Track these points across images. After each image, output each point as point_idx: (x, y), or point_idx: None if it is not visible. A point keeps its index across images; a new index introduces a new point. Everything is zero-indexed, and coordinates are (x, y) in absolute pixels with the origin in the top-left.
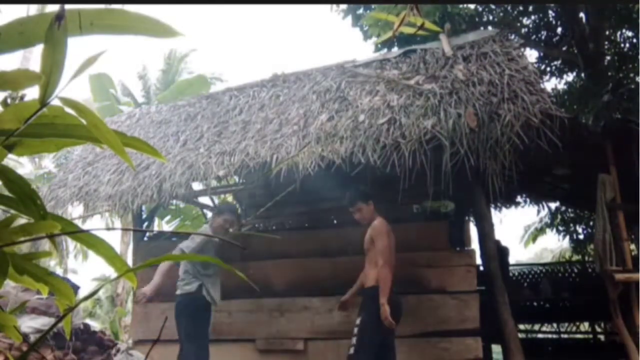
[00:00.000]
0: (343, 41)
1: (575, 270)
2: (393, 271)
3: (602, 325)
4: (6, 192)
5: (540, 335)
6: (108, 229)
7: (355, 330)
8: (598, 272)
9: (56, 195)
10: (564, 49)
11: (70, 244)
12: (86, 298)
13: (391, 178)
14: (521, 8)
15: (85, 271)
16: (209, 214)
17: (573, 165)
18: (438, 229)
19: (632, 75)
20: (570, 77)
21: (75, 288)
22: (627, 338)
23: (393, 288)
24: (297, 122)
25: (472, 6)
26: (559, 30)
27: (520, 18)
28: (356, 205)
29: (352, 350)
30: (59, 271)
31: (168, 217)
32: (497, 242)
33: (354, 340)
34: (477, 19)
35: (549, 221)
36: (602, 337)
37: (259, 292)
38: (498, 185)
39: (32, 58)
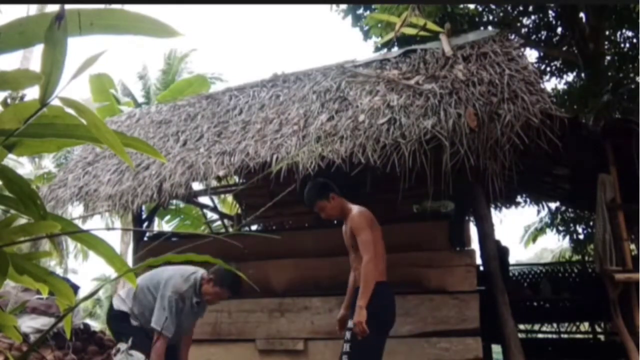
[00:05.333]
0: (343, 41)
1: (575, 270)
2: (383, 266)
3: (602, 325)
4: (6, 192)
5: (540, 335)
6: (108, 229)
7: (348, 334)
8: (598, 272)
9: (56, 195)
10: (564, 49)
11: (70, 244)
12: (86, 298)
13: (391, 178)
14: (521, 8)
15: (85, 271)
16: (209, 215)
17: (573, 165)
18: (438, 229)
19: (632, 75)
20: (570, 77)
21: (75, 288)
22: (627, 338)
23: (386, 285)
24: (297, 122)
25: (473, 6)
26: (559, 30)
27: (520, 18)
28: (316, 205)
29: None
30: (59, 271)
31: (168, 217)
32: (497, 242)
33: (346, 347)
34: (477, 19)
35: (549, 221)
36: (602, 337)
37: (259, 292)
38: (498, 185)
39: (32, 58)
